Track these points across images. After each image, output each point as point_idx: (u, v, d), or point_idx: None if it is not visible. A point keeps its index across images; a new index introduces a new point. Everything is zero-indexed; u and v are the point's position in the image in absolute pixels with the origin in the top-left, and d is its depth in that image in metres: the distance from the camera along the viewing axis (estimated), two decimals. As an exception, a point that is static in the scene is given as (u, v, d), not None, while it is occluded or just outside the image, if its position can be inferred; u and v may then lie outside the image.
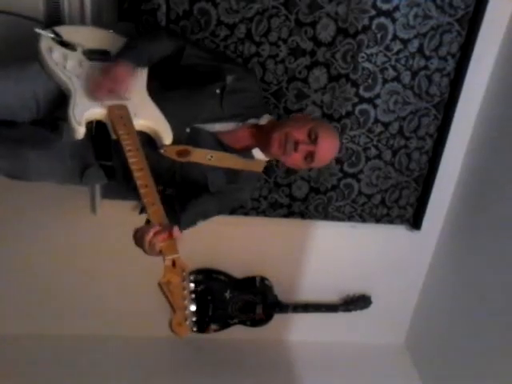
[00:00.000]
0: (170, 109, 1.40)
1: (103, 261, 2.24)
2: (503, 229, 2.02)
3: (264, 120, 1.54)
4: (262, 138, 1.50)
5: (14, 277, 2.24)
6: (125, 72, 1.37)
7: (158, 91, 1.44)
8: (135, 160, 1.22)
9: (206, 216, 1.54)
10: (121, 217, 2.06)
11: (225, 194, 1.54)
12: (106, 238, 2.19)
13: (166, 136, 1.36)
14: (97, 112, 1.31)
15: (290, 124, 1.47)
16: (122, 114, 1.30)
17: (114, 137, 1.30)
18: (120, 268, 2.24)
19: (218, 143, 1.48)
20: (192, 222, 1.50)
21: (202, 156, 1.46)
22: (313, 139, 1.42)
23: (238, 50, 1.83)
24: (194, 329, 0.95)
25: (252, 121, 1.54)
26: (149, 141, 1.37)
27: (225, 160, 1.49)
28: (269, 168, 1.65)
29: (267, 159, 1.58)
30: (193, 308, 0.98)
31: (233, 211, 2.15)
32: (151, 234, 1.12)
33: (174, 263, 1.05)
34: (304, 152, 1.43)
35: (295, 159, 1.45)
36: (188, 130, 1.45)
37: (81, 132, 1.27)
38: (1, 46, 1.74)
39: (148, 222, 1.19)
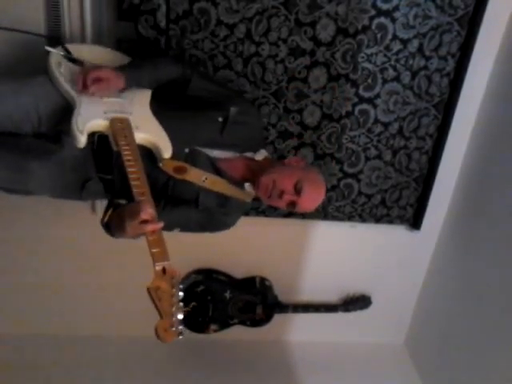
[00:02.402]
0: (171, 128, 1.43)
1: (103, 261, 2.24)
2: (503, 229, 2.02)
3: (260, 156, 1.59)
4: (253, 174, 1.54)
5: (14, 277, 2.24)
6: (113, 78, 1.42)
7: (160, 110, 1.47)
8: (133, 170, 1.24)
9: (185, 226, 1.56)
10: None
11: (212, 215, 1.56)
12: (106, 238, 2.18)
13: (166, 150, 1.38)
14: (100, 123, 1.34)
15: (279, 170, 1.51)
16: (123, 127, 1.34)
17: (115, 148, 1.32)
18: (120, 268, 2.24)
19: (214, 168, 1.52)
20: (167, 227, 1.45)
21: (198, 176, 1.48)
22: (297, 190, 1.46)
23: (238, 50, 1.83)
24: (181, 337, 0.96)
25: (248, 154, 1.58)
26: (148, 156, 1.39)
27: (217, 184, 1.51)
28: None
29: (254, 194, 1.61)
30: (180, 316, 1.00)
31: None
32: (142, 217, 1.14)
33: (164, 270, 1.06)
34: (287, 201, 1.47)
35: (279, 205, 1.50)
36: (187, 150, 1.48)
37: (82, 140, 1.29)
38: (5, 61, 1.78)
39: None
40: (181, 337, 0.97)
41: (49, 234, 2.17)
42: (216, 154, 1.54)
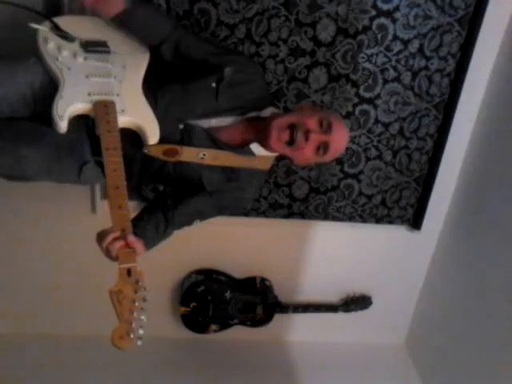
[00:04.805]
0: (164, 105, 1.36)
1: (103, 261, 2.24)
2: (503, 229, 2.02)
3: (266, 112, 1.43)
4: (263, 131, 1.37)
5: (13, 277, 2.24)
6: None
7: (152, 88, 1.40)
8: (110, 159, 1.17)
9: (203, 216, 1.46)
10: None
11: (225, 194, 1.44)
12: (106, 238, 2.19)
13: (151, 136, 1.30)
14: (81, 107, 1.28)
15: (296, 112, 1.36)
16: (107, 111, 1.26)
17: (97, 133, 1.25)
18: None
19: (212, 140, 1.40)
20: (187, 223, 1.44)
21: (193, 155, 1.37)
22: (325, 128, 1.29)
23: (238, 50, 1.83)
24: (139, 342, 0.91)
25: (253, 114, 1.43)
26: (136, 139, 1.32)
27: (220, 158, 1.39)
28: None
29: (274, 154, 1.46)
30: (143, 318, 0.94)
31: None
32: (109, 239, 1.06)
33: (129, 272, 0.99)
34: (316, 142, 1.29)
35: (306, 152, 1.32)
36: (181, 126, 1.38)
37: (62, 127, 1.23)
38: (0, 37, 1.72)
39: None
40: (139, 343, 0.91)
41: (49, 233, 2.17)
42: (214, 122, 1.41)
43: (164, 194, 1.46)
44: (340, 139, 1.34)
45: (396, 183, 2.23)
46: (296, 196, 2.17)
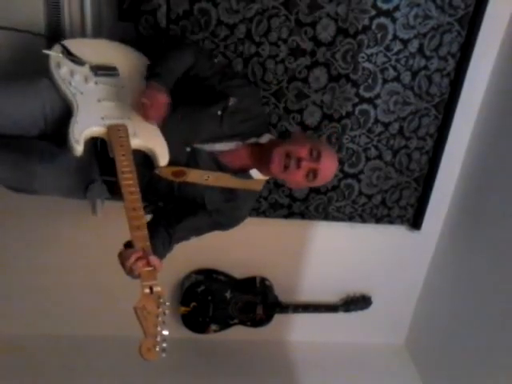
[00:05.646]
0: (172, 129, 1.42)
1: (104, 261, 2.24)
2: (503, 229, 2.02)
3: (264, 139, 1.55)
4: (261, 156, 1.50)
5: (14, 277, 2.24)
6: (163, 99, 1.37)
7: None
8: (127, 182, 1.21)
9: (199, 232, 1.58)
10: (122, 218, 2.05)
11: (221, 213, 1.56)
12: (107, 238, 2.18)
13: (162, 158, 1.36)
14: (96, 130, 1.32)
15: (291, 142, 1.48)
16: (120, 134, 1.31)
17: (111, 155, 1.30)
18: (120, 269, 2.24)
19: (216, 163, 1.50)
20: (185, 238, 1.54)
21: (199, 176, 1.48)
22: (315, 157, 1.42)
23: (238, 50, 1.83)
24: (163, 354, 0.99)
25: (252, 140, 1.55)
26: (146, 159, 1.38)
27: (222, 180, 1.51)
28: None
29: (267, 178, 1.59)
30: (165, 333, 1.01)
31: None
32: (132, 259, 1.13)
33: (151, 289, 1.07)
34: (306, 169, 1.43)
35: (297, 177, 1.45)
36: (188, 149, 1.47)
37: (78, 150, 1.27)
38: (7, 61, 1.77)
39: (129, 244, 1.19)
40: (163, 355, 0.99)
41: (49, 234, 2.17)
42: (218, 147, 1.51)
43: (165, 211, 1.56)
44: (328, 167, 1.47)
45: (396, 183, 2.23)
46: (296, 196, 2.17)
